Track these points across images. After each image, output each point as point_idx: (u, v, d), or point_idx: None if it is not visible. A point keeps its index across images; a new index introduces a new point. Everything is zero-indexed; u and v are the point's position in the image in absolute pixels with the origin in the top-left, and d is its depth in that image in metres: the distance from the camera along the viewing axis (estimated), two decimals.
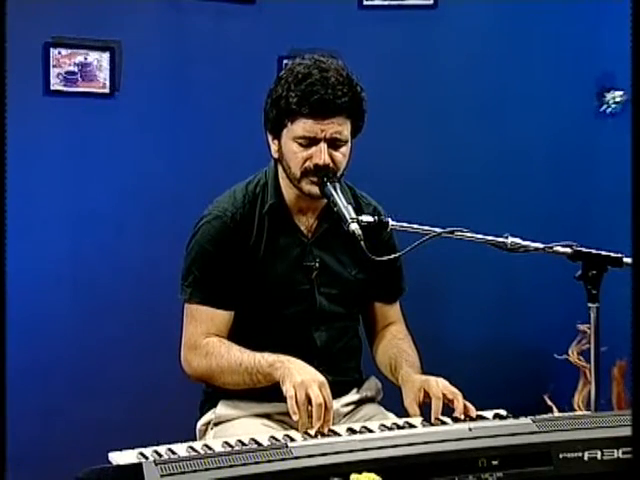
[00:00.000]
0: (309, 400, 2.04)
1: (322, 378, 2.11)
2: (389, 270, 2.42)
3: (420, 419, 2.13)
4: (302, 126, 2.23)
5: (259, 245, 2.32)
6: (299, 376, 2.10)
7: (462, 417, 2.10)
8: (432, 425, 2.05)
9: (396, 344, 2.44)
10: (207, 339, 2.30)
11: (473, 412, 2.13)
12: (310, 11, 3.69)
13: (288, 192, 2.35)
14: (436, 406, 2.13)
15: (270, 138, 2.33)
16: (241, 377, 2.24)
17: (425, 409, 2.18)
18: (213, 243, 2.31)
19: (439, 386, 2.17)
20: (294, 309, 2.34)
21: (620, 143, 2.84)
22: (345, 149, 2.28)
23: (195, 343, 2.30)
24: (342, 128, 2.25)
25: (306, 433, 2.01)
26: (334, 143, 2.25)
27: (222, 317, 2.32)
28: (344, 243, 2.35)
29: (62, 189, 3.49)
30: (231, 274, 2.30)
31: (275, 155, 2.33)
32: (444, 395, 2.14)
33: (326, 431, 2.02)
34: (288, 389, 2.08)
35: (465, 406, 2.13)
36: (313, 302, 2.36)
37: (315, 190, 2.25)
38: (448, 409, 2.15)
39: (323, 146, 2.23)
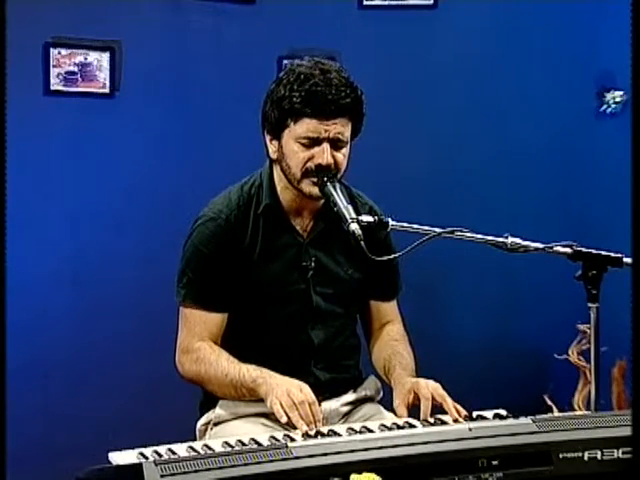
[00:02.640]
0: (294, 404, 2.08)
1: (301, 382, 2.16)
2: (386, 269, 2.42)
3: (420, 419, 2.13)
4: (306, 126, 2.23)
5: (254, 246, 2.32)
6: (279, 387, 2.14)
7: (458, 418, 2.10)
8: (431, 425, 2.05)
9: (391, 345, 2.44)
10: (199, 344, 2.31)
11: (462, 412, 2.13)
12: (310, 11, 3.69)
13: (284, 193, 2.35)
14: (425, 407, 2.14)
15: (268, 139, 2.33)
16: (227, 389, 2.27)
17: (414, 411, 2.18)
18: (207, 245, 2.32)
19: (428, 388, 2.18)
20: (290, 309, 2.35)
21: (620, 143, 2.84)
22: (345, 150, 2.29)
23: (188, 346, 2.32)
24: (344, 129, 2.26)
25: (306, 433, 2.02)
26: (336, 144, 2.25)
27: (215, 320, 2.32)
28: (340, 243, 2.36)
29: (62, 189, 3.49)
30: (226, 275, 2.30)
31: (274, 156, 2.33)
32: (432, 397, 2.15)
33: (319, 427, 2.05)
34: (272, 400, 2.13)
35: (456, 409, 2.13)
36: (309, 301, 2.36)
37: (315, 191, 2.25)
38: (443, 410, 2.16)
39: (326, 146, 2.23)
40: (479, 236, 2.13)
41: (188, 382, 2.37)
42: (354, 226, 2.11)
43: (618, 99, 3.80)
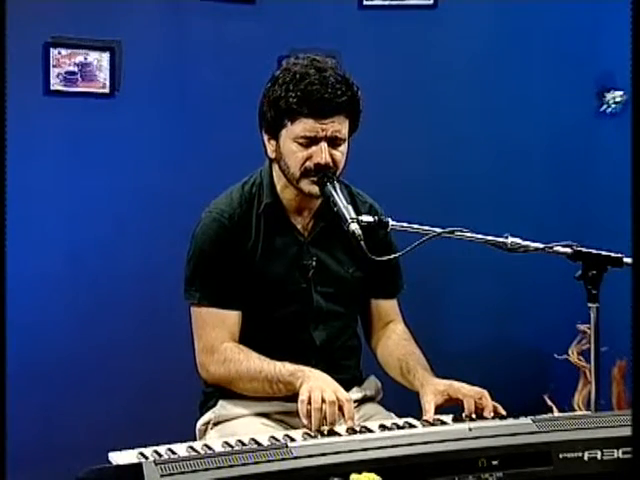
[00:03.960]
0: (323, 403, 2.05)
1: (338, 385, 2.13)
2: (387, 267, 2.40)
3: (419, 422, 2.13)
4: (303, 126, 2.23)
5: (256, 245, 2.33)
6: (316, 382, 2.12)
7: (491, 416, 2.11)
8: (431, 425, 2.05)
9: (403, 345, 2.43)
10: (224, 344, 2.29)
11: (501, 410, 2.14)
12: (310, 11, 3.69)
13: (284, 192, 2.35)
14: (470, 405, 2.14)
15: (266, 138, 2.33)
16: (261, 385, 2.24)
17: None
18: (214, 245, 2.32)
19: (466, 388, 2.18)
20: (291, 308, 2.34)
21: (620, 143, 2.84)
22: (343, 148, 2.28)
23: (212, 348, 2.30)
24: (341, 127, 2.26)
25: (306, 433, 2.02)
26: (334, 142, 2.25)
27: (233, 318, 2.32)
28: (341, 241, 2.36)
29: (62, 189, 3.49)
30: (232, 274, 2.30)
31: (272, 155, 2.33)
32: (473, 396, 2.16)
33: (352, 425, 2.03)
34: (302, 392, 2.10)
35: (494, 406, 2.14)
36: (310, 301, 2.36)
37: (315, 190, 2.25)
38: (450, 409, 2.16)
39: (324, 145, 2.23)
40: (479, 236, 2.12)
41: (211, 383, 2.36)
42: (354, 226, 2.10)
43: (618, 99, 3.80)
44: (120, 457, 1.83)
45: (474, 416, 2.12)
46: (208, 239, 2.32)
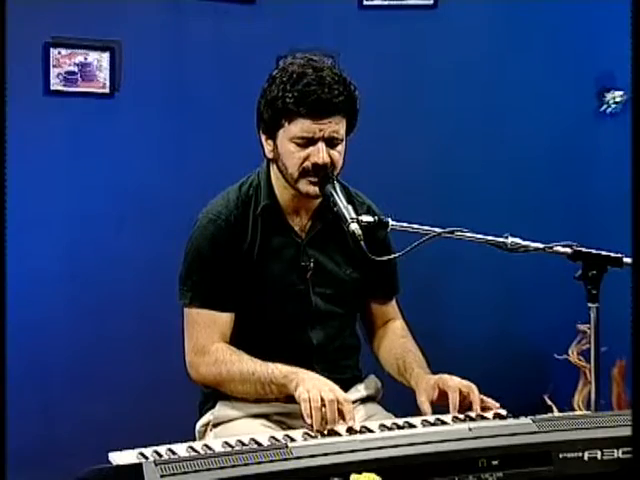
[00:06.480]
0: (323, 402, 2.05)
1: (334, 385, 2.13)
2: (384, 269, 2.41)
3: (420, 419, 2.13)
4: (300, 126, 2.22)
5: (253, 246, 2.32)
6: (311, 382, 2.12)
7: (479, 411, 2.10)
8: (431, 425, 2.05)
9: (401, 344, 2.43)
10: (215, 345, 2.28)
11: (493, 405, 2.14)
12: (310, 11, 3.69)
13: (282, 192, 2.34)
14: (454, 399, 2.14)
15: (264, 138, 2.32)
16: (253, 387, 2.24)
17: (437, 408, 2.20)
18: (209, 246, 2.31)
19: (454, 380, 2.18)
20: (289, 310, 2.34)
21: (620, 143, 2.84)
22: (341, 147, 2.28)
23: (203, 349, 2.29)
24: (339, 127, 2.25)
25: (307, 433, 2.01)
26: (331, 142, 2.24)
27: (224, 320, 2.31)
28: (338, 242, 2.36)
29: (62, 189, 3.49)
30: (229, 275, 2.30)
31: (270, 155, 2.32)
32: (460, 390, 2.15)
33: (351, 424, 2.03)
34: (302, 392, 2.09)
35: (482, 400, 2.14)
36: (308, 302, 2.35)
37: (313, 190, 2.25)
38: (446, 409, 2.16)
39: (321, 145, 2.23)
40: (479, 236, 2.12)
41: (200, 384, 2.36)
42: (354, 226, 2.10)
43: (618, 99, 3.80)
44: (120, 457, 1.83)
45: (474, 415, 2.12)
46: (204, 240, 2.32)
